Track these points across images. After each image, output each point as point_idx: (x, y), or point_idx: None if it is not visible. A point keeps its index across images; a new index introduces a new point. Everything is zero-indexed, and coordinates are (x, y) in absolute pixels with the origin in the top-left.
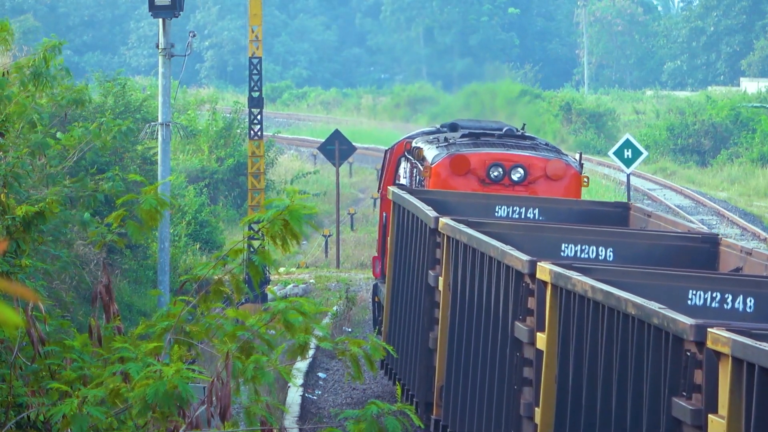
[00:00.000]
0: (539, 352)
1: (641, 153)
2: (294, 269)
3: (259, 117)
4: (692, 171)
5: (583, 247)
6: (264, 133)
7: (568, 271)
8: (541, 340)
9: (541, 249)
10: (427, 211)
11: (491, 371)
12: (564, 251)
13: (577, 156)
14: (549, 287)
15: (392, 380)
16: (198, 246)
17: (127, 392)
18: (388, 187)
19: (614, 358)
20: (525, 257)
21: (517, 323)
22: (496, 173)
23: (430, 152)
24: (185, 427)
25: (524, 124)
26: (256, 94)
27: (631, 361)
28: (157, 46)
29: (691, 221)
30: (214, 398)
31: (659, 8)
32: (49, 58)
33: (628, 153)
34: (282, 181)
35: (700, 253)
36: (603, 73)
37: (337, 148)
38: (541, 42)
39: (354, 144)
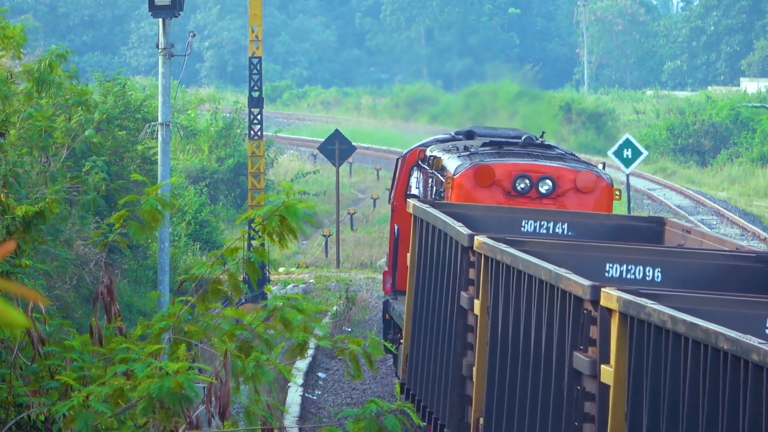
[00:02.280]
0: (604, 387)
1: (641, 153)
2: (294, 269)
3: (259, 117)
4: (692, 171)
5: (629, 267)
6: (264, 133)
7: (640, 298)
8: (607, 373)
9: (584, 268)
10: (458, 228)
11: (544, 404)
12: (608, 271)
13: (600, 166)
14: (616, 316)
15: (417, 409)
16: (198, 246)
17: (130, 391)
18: (408, 201)
19: (701, 397)
20: (586, 282)
21: (577, 354)
22: (522, 185)
23: (451, 162)
24: (185, 426)
25: (543, 132)
26: (256, 94)
27: (723, 401)
28: (157, 46)
29: (691, 221)
30: (213, 398)
31: (658, 8)
32: (55, 66)
33: (627, 153)
34: (282, 181)
35: (755, 274)
36: (603, 72)
37: (337, 148)
38: (541, 42)
39: (354, 144)
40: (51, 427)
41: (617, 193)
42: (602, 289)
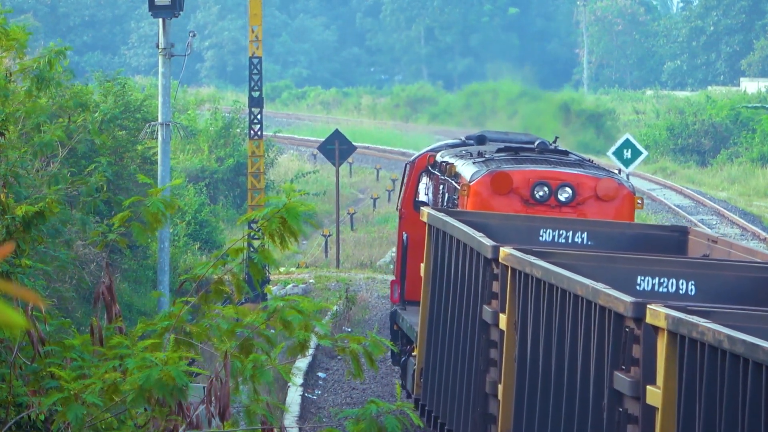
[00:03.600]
0: (648, 408)
1: (641, 153)
2: (294, 269)
3: (259, 117)
4: (692, 171)
5: (662, 280)
6: (264, 133)
7: (691, 316)
8: (653, 395)
9: (615, 281)
10: (481, 239)
11: (581, 425)
12: (640, 284)
13: (616, 172)
14: (664, 335)
15: (434, 426)
16: (198, 246)
17: (122, 384)
18: (422, 209)
19: (763, 422)
20: (629, 299)
21: (618, 373)
22: (541, 193)
23: (466, 168)
24: (185, 426)
25: (557, 137)
26: (256, 94)
27: None
28: (157, 46)
29: (692, 221)
30: (213, 398)
31: (658, 8)
32: (54, 63)
33: (627, 153)
34: (282, 181)
35: None
36: (603, 72)
37: (336, 148)
38: (541, 42)
39: (354, 144)
40: (51, 427)
41: (639, 201)
42: (648, 305)
